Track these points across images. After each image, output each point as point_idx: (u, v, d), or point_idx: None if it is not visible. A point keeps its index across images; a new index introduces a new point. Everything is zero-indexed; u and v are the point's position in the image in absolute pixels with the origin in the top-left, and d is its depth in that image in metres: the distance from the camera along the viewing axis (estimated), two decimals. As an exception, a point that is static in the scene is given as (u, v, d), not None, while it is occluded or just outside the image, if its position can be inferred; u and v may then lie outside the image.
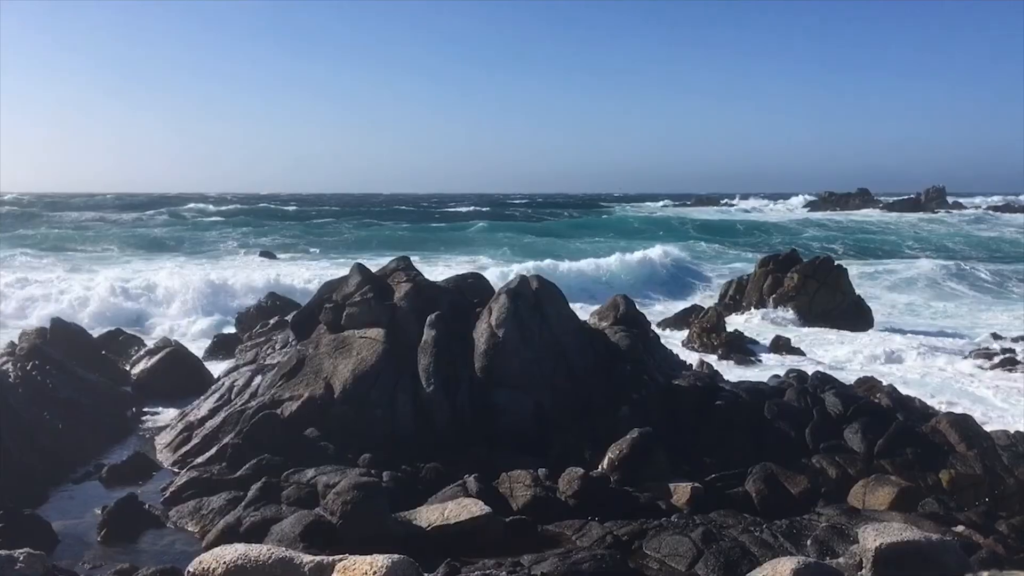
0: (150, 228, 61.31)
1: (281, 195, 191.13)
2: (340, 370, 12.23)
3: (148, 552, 8.89)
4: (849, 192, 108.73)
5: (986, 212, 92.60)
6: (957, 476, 10.73)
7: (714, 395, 12.51)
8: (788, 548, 8.13)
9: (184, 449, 12.03)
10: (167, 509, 10.00)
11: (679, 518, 9.08)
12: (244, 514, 9.25)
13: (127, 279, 27.21)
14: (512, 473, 10.10)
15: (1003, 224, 74.67)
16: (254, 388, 12.99)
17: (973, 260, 43.47)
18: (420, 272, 14.37)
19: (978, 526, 9.09)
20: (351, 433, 11.40)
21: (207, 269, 31.56)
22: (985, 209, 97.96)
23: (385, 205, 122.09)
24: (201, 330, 22.00)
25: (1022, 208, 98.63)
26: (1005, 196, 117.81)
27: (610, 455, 10.68)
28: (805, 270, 26.00)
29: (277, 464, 10.50)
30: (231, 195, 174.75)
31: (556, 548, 8.37)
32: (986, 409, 15.33)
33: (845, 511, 9.46)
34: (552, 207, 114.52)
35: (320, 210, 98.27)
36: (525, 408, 11.95)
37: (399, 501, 9.20)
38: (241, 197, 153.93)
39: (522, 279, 13.37)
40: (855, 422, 11.94)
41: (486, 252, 45.58)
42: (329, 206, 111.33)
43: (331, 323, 13.21)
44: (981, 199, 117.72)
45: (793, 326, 24.09)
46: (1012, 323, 25.67)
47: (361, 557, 5.21)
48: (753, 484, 10.36)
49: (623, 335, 13.71)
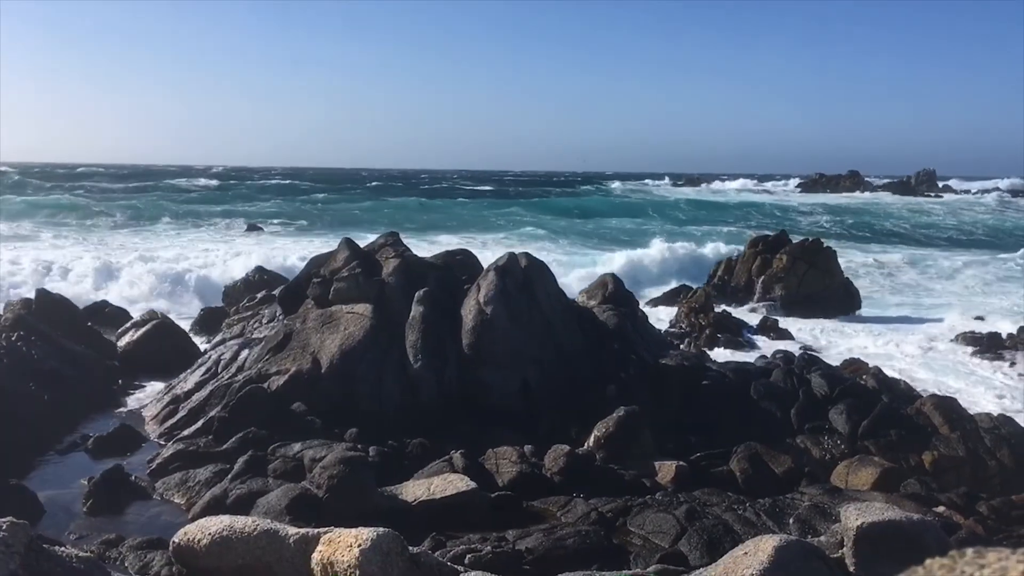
0: (140, 199, 60.49)
1: (276, 168, 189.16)
2: (327, 345, 12.22)
3: (134, 523, 8.90)
4: (840, 174, 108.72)
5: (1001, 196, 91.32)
6: (940, 457, 10.83)
7: (701, 374, 12.57)
8: (771, 526, 8.19)
9: (170, 422, 12.02)
10: (153, 481, 10.01)
11: (663, 496, 9.13)
12: (230, 487, 9.26)
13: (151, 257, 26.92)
14: (498, 449, 10.14)
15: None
16: (241, 362, 12.97)
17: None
18: (408, 248, 14.33)
19: (959, 507, 9.18)
20: (338, 408, 11.41)
21: (181, 255, 29.94)
22: (999, 192, 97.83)
23: (383, 180, 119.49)
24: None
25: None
26: (991, 180, 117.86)
27: (596, 433, 10.73)
28: (794, 251, 26.02)
29: (263, 437, 10.51)
30: (219, 167, 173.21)
31: (541, 524, 8.41)
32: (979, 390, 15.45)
33: (828, 491, 9.53)
34: (545, 185, 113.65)
35: (350, 187, 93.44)
36: (512, 385, 11.98)
37: (385, 476, 9.22)
38: (233, 171, 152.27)
39: (511, 256, 13.35)
40: (840, 403, 12.02)
41: (532, 238, 41.90)
42: (357, 183, 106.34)
43: (319, 298, 13.19)
44: (984, 182, 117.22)
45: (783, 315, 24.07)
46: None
47: (346, 530, 5.22)
48: (737, 463, 10.43)
49: (611, 314, 13.74)
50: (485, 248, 31.38)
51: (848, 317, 23.85)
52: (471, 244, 28.98)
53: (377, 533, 5.07)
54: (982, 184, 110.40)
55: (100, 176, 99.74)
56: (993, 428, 11.35)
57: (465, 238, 38.52)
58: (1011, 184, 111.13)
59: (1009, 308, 25.55)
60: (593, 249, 37.26)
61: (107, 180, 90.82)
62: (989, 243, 46.60)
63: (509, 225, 48.52)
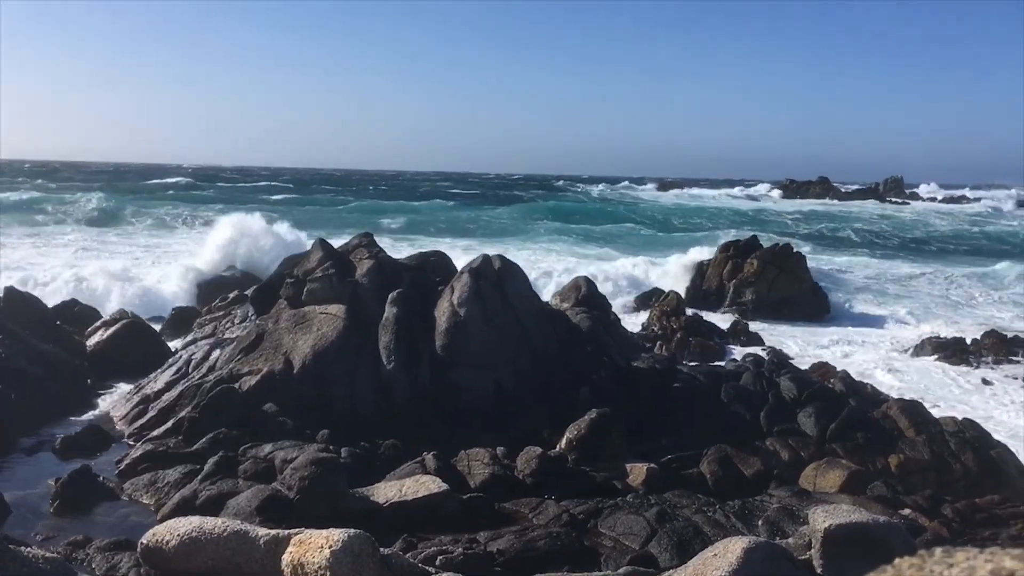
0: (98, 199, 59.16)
1: (254, 168, 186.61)
2: (300, 345, 12.17)
3: (102, 524, 8.81)
4: (810, 180, 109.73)
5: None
6: (905, 460, 10.98)
7: (672, 377, 12.66)
8: (740, 528, 8.27)
9: (140, 422, 11.92)
10: (122, 481, 9.91)
11: (634, 498, 9.19)
12: (200, 487, 9.20)
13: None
14: (471, 451, 10.15)
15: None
16: (212, 362, 12.89)
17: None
18: (382, 249, 14.32)
19: (924, 509, 9.32)
20: (310, 409, 11.37)
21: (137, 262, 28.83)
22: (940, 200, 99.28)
23: (372, 182, 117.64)
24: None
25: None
26: (947, 188, 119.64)
27: (568, 435, 10.77)
28: (765, 256, 26.26)
29: (234, 438, 10.45)
30: (190, 167, 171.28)
31: (512, 526, 8.43)
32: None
33: (796, 493, 9.64)
34: (521, 188, 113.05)
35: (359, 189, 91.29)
36: (485, 387, 12.00)
37: (357, 477, 9.20)
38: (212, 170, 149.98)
39: (484, 258, 13.38)
40: (809, 406, 12.16)
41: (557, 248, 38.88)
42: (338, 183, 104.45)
43: (292, 298, 13.14)
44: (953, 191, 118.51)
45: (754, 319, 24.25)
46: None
47: (317, 532, 5.22)
48: (708, 465, 10.52)
49: (584, 316, 13.81)
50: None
51: (817, 321, 24.12)
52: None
53: (348, 534, 5.08)
54: (950, 192, 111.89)
55: (62, 177, 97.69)
56: (958, 432, 11.53)
57: (501, 245, 36.21)
58: (981, 194, 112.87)
59: (972, 313, 25.94)
60: (633, 256, 34.41)
61: (80, 177, 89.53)
62: (964, 250, 47.05)
63: (535, 232, 46.59)
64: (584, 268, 27.07)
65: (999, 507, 9.55)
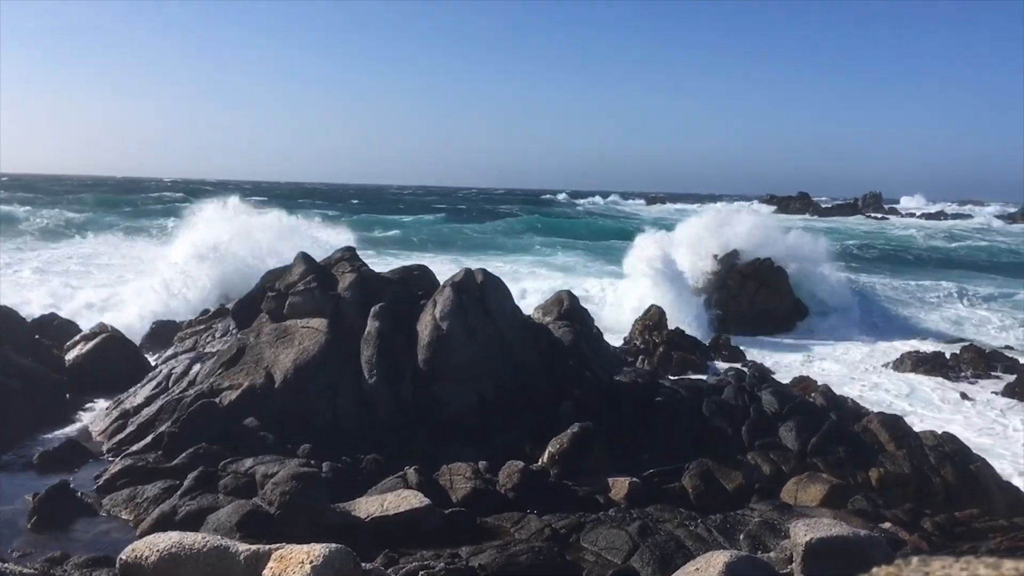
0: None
1: (243, 182, 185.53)
2: (281, 359, 12.12)
3: (80, 540, 8.72)
4: (790, 195, 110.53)
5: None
6: (886, 475, 11.04)
7: (654, 391, 12.69)
8: (722, 542, 8.29)
9: (119, 437, 11.82)
10: (100, 497, 9.81)
11: (616, 512, 9.19)
12: (180, 503, 9.13)
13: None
14: (452, 465, 10.13)
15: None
16: (192, 376, 12.81)
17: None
18: (365, 263, 14.30)
19: (904, 523, 9.37)
20: (291, 423, 11.32)
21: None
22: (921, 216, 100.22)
23: (361, 198, 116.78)
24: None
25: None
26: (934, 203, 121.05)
27: (550, 449, 10.77)
28: (745, 270, 26.45)
29: (214, 453, 10.38)
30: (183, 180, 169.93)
31: (494, 540, 8.41)
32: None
33: (777, 507, 9.67)
34: (508, 203, 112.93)
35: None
36: (467, 401, 11.98)
37: (339, 492, 9.15)
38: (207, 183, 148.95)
39: (467, 272, 13.38)
40: (790, 420, 12.22)
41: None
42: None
43: (273, 312, 13.09)
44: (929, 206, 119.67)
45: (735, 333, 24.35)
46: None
47: (298, 547, 5.19)
48: (689, 479, 10.53)
49: (567, 330, 13.82)
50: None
51: (798, 335, 24.28)
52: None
53: (329, 550, 5.05)
54: (925, 208, 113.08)
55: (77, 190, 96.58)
56: (937, 446, 11.61)
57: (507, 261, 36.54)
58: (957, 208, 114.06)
59: (949, 331, 26.13)
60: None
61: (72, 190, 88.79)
62: (949, 263, 47.33)
63: (520, 246, 46.56)
64: (564, 282, 27.12)
65: (978, 521, 9.61)
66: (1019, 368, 19.59)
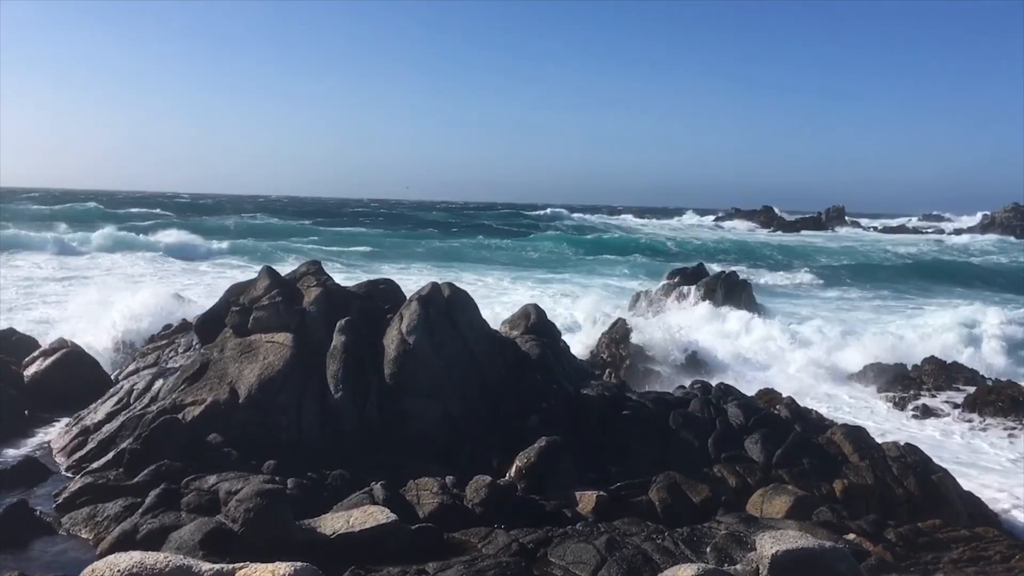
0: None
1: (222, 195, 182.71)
2: (246, 375, 11.99)
3: (39, 560, 8.55)
4: (754, 208, 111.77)
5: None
6: (850, 486, 11.14)
7: (621, 404, 12.72)
8: (688, 555, 8.32)
9: (79, 454, 11.62)
10: (60, 516, 9.63)
11: (584, 526, 9.19)
12: (141, 521, 8.97)
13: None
14: (419, 480, 10.07)
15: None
16: (155, 392, 12.64)
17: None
18: (331, 277, 14.21)
19: (868, 534, 9.46)
20: (256, 439, 11.19)
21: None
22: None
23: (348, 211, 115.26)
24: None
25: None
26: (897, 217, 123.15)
27: (518, 463, 10.75)
28: (711, 284, 26.69)
29: (177, 470, 10.22)
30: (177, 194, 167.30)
31: (462, 556, 8.37)
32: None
33: (744, 519, 9.72)
34: (490, 217, 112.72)
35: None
36: (434, 416, 11.93)
37: (304, 508, 9.06)
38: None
39: (434, 286, 13.35)
40: (755, 432, 12.30)
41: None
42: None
43: (237, 326, 12.96)
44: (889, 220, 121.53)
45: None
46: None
47: (263, 565, 5.13)
48: (656, 492, 10.56)
49: (533, 344, 13.82)
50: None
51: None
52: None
53: (295, 568, 5.00)
54: (886, 221, 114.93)
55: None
56: (900, 457, 11.75)
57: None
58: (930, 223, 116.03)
59: (918, 343, 26.47)
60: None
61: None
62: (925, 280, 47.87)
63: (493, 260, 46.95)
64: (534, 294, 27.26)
65: (941, 531, 9.74)
66: (979, 380, 19.94)
